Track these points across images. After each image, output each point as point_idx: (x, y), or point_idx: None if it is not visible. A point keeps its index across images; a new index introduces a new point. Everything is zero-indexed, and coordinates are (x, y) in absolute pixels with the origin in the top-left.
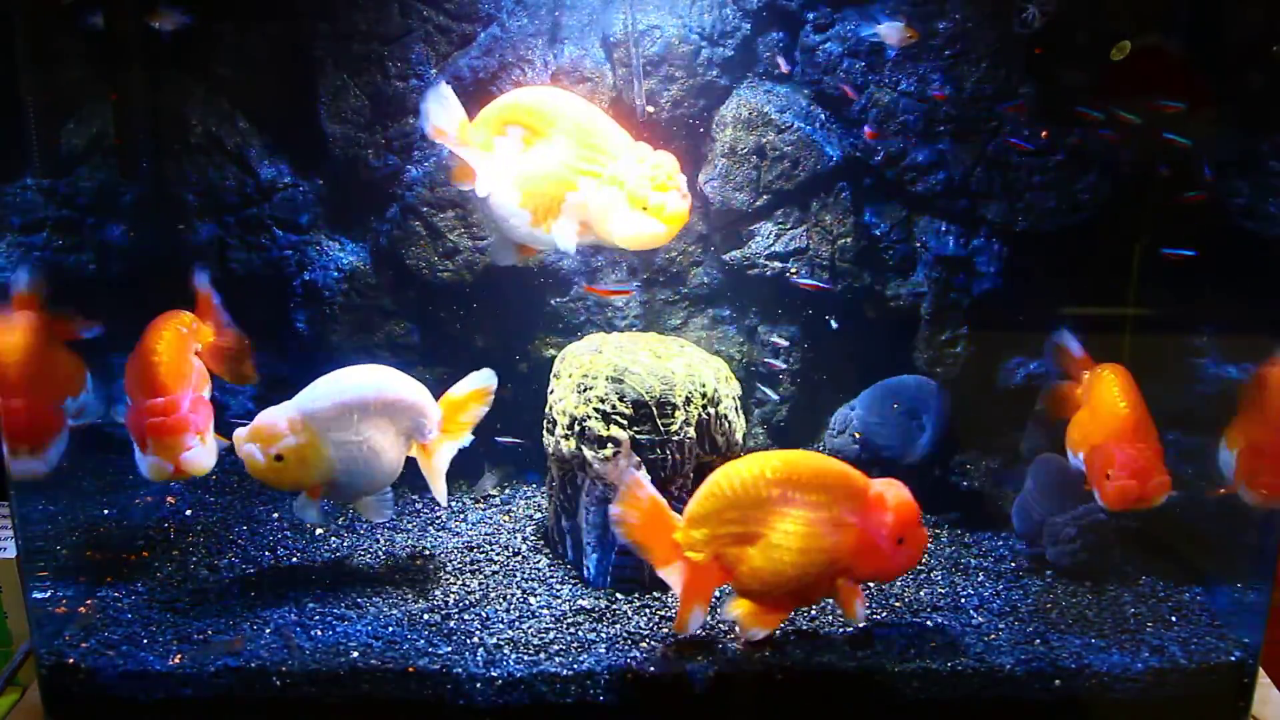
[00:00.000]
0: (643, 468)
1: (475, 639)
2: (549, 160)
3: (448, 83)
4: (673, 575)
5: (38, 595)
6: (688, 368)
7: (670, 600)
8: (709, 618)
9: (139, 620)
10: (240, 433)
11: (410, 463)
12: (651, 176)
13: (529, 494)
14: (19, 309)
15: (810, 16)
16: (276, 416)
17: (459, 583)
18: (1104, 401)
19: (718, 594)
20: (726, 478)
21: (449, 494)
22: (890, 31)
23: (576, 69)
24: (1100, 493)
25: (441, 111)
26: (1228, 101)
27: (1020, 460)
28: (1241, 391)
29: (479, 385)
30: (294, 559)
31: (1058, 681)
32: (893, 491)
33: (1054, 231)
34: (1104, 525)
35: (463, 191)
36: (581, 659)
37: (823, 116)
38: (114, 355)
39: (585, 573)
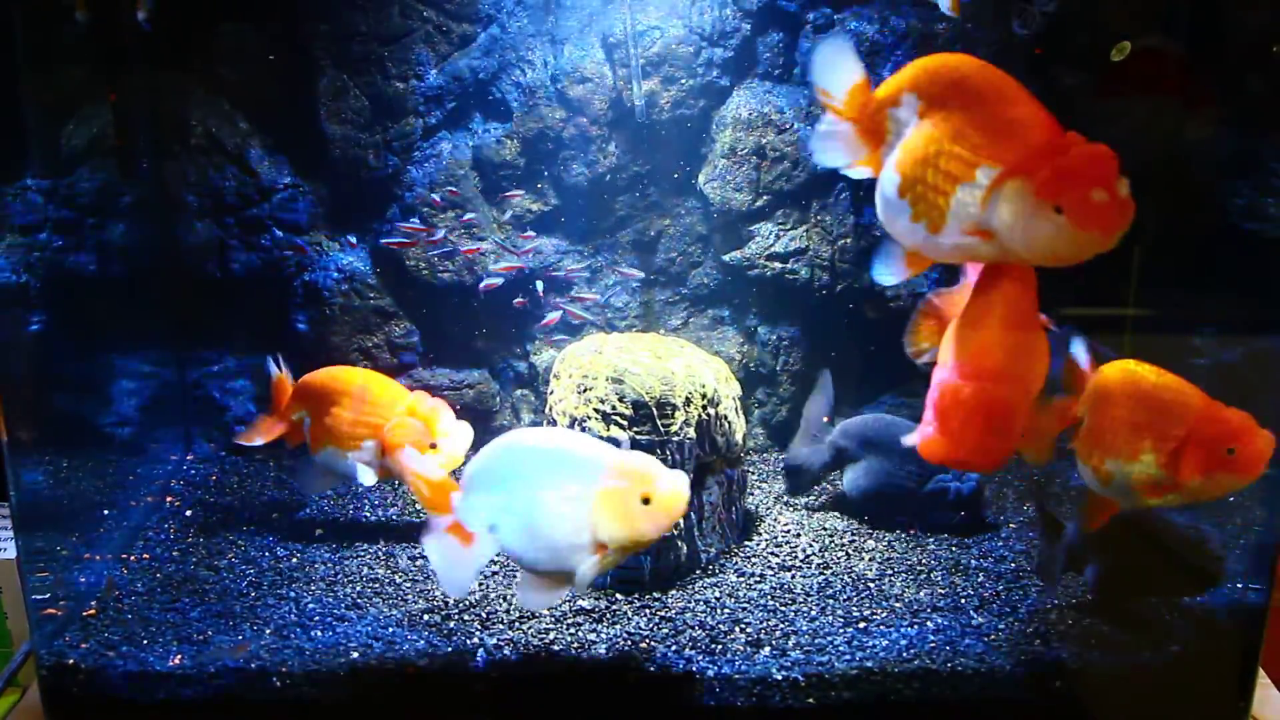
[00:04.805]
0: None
1: (475, 639)
2: (938, 136)
3: (447, 85)
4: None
5: (38, 595)
6: (688, 368)
7: (670, 601)
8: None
9: (139, 620)
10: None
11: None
12: (1066, 166)
13: None
14: None
15: (810, 17)
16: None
17: None
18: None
19: None
20: None
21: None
22: None
23: (576, 69)
24: (1232, 472)
25: (831, 71)
26: (1228, 101)
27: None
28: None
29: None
30: (294, 559)
31: (1058, 683)
32: None
33: None
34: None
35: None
36: (581, 659)
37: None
38: (114, 356)
39: None
